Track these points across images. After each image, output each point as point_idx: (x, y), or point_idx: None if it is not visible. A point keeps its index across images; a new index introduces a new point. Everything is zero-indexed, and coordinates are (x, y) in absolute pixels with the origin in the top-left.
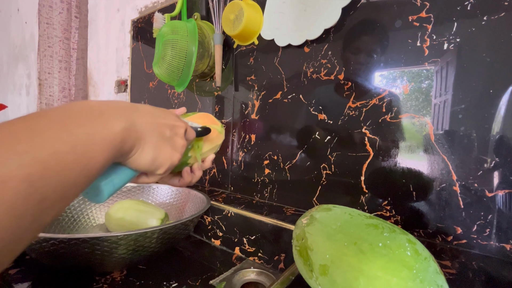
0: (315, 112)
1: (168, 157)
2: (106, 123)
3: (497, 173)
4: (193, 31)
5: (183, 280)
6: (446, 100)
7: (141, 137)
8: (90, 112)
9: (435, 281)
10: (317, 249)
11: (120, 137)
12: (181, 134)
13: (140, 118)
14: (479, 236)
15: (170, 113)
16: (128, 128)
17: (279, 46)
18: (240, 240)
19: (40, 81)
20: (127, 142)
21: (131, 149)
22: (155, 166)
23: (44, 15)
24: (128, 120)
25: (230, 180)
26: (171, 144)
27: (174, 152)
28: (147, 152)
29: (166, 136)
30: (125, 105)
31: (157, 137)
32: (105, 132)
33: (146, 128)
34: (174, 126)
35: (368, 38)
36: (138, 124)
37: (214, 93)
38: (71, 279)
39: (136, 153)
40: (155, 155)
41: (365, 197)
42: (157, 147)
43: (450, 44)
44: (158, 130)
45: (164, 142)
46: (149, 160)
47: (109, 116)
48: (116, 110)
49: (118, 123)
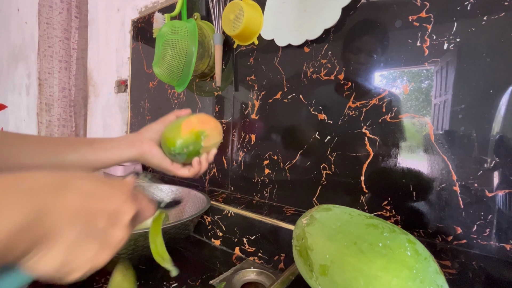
0: (315, 112)
1: (88, 259)
2: None
3: (497, 173)
4: (193, 31)
5: (183, 280)
6: (446, 100)
7: (49, 235)
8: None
9: (435, 281)
10: (317, 249)
11: (6, 240)
12: (124, 223)
13: (62, 203)
14: (479, 236)
15: (121, 191)
16: (28, 224)
17: (279, 46)
18: (240, 240)
19: (40, 81)
20: (19, 245)
21: (25, 253)
22: (64, 273)
23: (44, 15)
24: (34, 210)
25: (230, 180)
26: (102, 239)
27: (102, 250)
28: (55, 255)
29: (96, 229)
30: (46, 183)
31: (79, 231)
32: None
33: (64, 220)
34: (116, 213)
35: (368, 38)
36: (53, 213)
37: (214, 93)
38: None
39: (35, 257)
40: (68, 258)
41: (365, 197)
42: (74, 246)
43: (450, 44)
44: (86, 222)
45: (89, 239)
46: (55, 266)
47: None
48: (22, 194)
49: (10, 219)
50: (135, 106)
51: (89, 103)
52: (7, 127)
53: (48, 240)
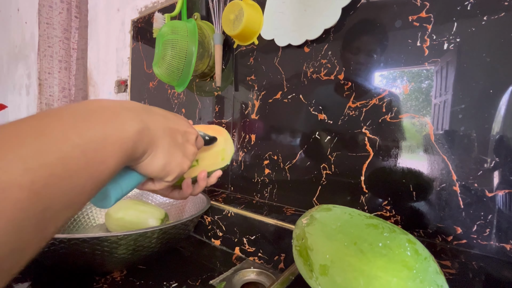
0: (315, 112)
1: (178, 164)
2: (119, 126)
3: (497, 173)
4: (193, 31)
5: (183, 280)
6: (446, 100)
7: (153, 142)
8: (102, 112)
9: (435, 281)
10: (317, 249)
11: (133, 141)
12: (192, 141)
13: (154, 121)
14: (479, 236)
15: (182, 119)
16: (142, 131)
17: (279, 46)
18: (240, 240)
19: (40, 81)
20: (140, 147)
21: (143, 154)
22: (165, 173)
23: (44, 15)
24: (142, 122)
25: (230, 180)
26: (182, 150)
27: (185, 159)
28: (159, 157)
29: (178, 142)
30: (138, 106)
31: (169, 142)
32: (117, 135)
33: (159, 132)
34: (186, 132)
35: (368, 38)
36: (152, 127)
37: (214, 93)
38: (71, 279)
39: (147, 158)
40: (167, 161)
41: (365, 197)
42: (169, 152)
43: (450, 44)
44: (171, 135)
45: (176, 148)
46: (160, 166)
47: (122, 117)
48: (130, 111)
49: (131, 126)
50: None
51: None
52: None
53: (153, 148)
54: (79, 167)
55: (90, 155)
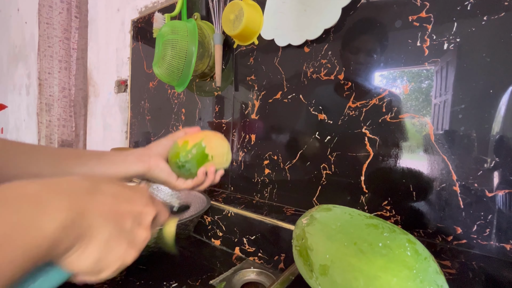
0: (315, 112)
1: (119, 257)
2: (38, 218)
3: (497, 173)
4: (193, 31)
5: (183, 280)
6: (446, 100)
7: (86, 233)
8: (20, 199)
9: (435, 281)
10: (317, 249)
11: (53, 237)
12: (147, 224)
13: (96, 205)
14: (479, 236)
15: (141, 195)
16: (71, 222)
17: (279, 46)
18: (240, 240)
19: (40, 81)
20: (63, 243)
21: (67, 250)
22: (98, 269)
23: (44, 15)
24: (73, 211)
25: (230, 180)
26: (129, 239)
27: (130, 249)
28: (91, 252)
29: (124, 229)
30: (82, 187)
31: (110, 232)
32: (25, 232)
33: (98, 219)
34: (140, 214)
35: (368, 38)
36: (90, 214)
37: (214, 93)
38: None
39: (75, 253)
40: (102, 255)
41: (365, 197)
42: (107, 244)
43: (450, 44)
44: (116, 221)
45: (119, 238)
46: (90, 262)
47: (47, 206)
48: (62, 196)
49: (56, 217)
50: (135, 106)
51: (89, 103)
52: (7, 127)
53: (85, 239)
54: None
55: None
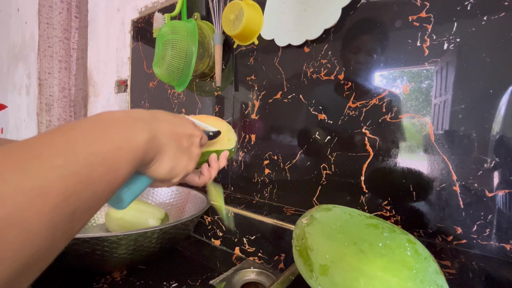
0: (315, 112)
1: (184, 167)
2: (131, 136)
3: (497, 173)
4: (193, 31)
5: (183, 280)
6: (446, 100)
7: (161, 148)
8: (116, 124)
9: (435, 281)
10: (317, 249)
11: (143, 149)
12: (197, 143)
13: (161, 128)
14: (479, 236)
15: (187, 121)
16: (151, 140)
17: (279, 46)
18: (240, 240)
19: (40, 81)
20: (149, 154)
21: (151, 160)
22: (171, 176)
23: (44, 15)
24: (150, 131)
25: (230, 180)
26: (188, 154)
27: (190, 161)
28: (166, 163)
29: (183, 147)
30: (146, 115)
31: (175, 148)
32: (130, 145)
33: (166, 139)
34: (191, 136)
35: (368, 38)
36: (159, 135)
37: (214, 93)
38: (71, 279)
39: (155, 164)
40: (173, 165)
41: (365, 197)
42: (175, 157)
43: (450, 44)
44: (177, 141)
45: (181, 153)
46: (166, 171)
47: (133, 128)
48: (139, 121)
49: (142, 136)
50: (135, 106)
51: (89, 103)
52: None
53: (160, 154)
54: (99, 174)
55: (109, 163)
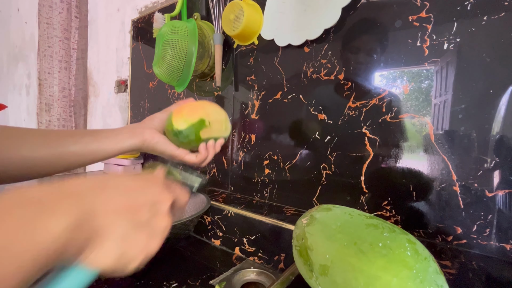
0: (315, 112)
1: (141, 249)
2: (42, 223)
3: (497, 173)
4: (193, 31)
5: (183, 280)
6: (446, 100)
7: (99, 232)
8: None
9: (435, 281)
10: (317, 249)
11: (61, 240)
12: (164, 211)
13: (105, 203)
14: (479, 236)
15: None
16: (78, 224)
17: (279, 46)
18: (240, 240)
19: (40, 81)
20: (73, 245)
21: (80, 251)
22: (122, 264)
23: (44, 15)
24: (81, 211)
25: (230, 180)
26: (148, 230)
27: (151, 239)
28: (109, 249)
29: (140, 222)
30: (86, 186)
31: (126, 226)
32: (35, 238)
33: (110, 217)
34: (155, 204)
35: (368, 38)
36: (99, 212)
37: (214, 93)
38: None
39: (92, 253)
40: (122, 251)
41: (365, 197)
42: (125, 239)
43: (450, 44)
44: (130, 216)
45: (137, 231)
46: (112, 259)
47: (51, 209)
48: (66, 197)
49: (61, 220)
50: (135, 106)
51: (89, 103)
52: None
53: (99, 237)
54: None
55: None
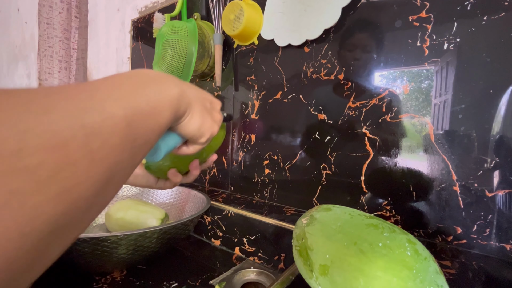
0: (315, 112)
1: (209, 127)
2: (166, 87)
3: (497, 173)
4: (193, 31)
5: (183, 280)
6: (446, 100)
7: (190, 104)
8: (151, 77)
9: (435, 281)
10: (317, 249)
11: (177, 99)
12: (218, 109)
13: (188, 88)
14: (479, 236)
15: (208, 93)
16: (181, 94)
17: (279, 46)
18: (240, 240)
19: (40, 81)
20: (181, 106)
21: (183, 114)
22: (199, 134)
23: (44, 15)
24: (180, 87)
25: (230, 180)
26: (212, 116)
27: (214, 123)
28: (195, 119)
29: (207, 108)
30: (175, 77)
31: (201, 107)
32: (167, 94)
33: (193, 97)
34: (213, 101)
35: (368, 38)
36: (187, 92)
37: (214, 93)
38: (71, 279)
39: (185, 119)
40: (201, 123)
41: (365, 197)
42: (202, 116)
43: (450, 44)
44: (202, 101)
45: (207, 113)
46: (196, 127)
47: (166, 82)
48: (170, 78)
49: (174, 89)
50: None
51: None
52: None
53: (190, 109)
54: (149, 112)
55: (153, 105)
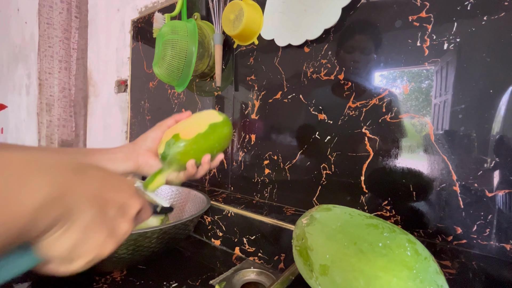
0: (315, 112)
1: (96, 246)
2: (18, 192)
3: (497, 173)
4: (193, 31)
5: (183, 280)
6: (446, 100)
7: (68, 214)
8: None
9: (435, 281)
10: (317, 249)
11: (32, 214)
12: (130, 216)
13: (81, 185)
14: (479, 236)
15: (128, 188)
16: (52, 200)
17: (279, 46)
18: (240, 240)
19: (40, 81)
20: (42, 221)
21: (45, 230)
22: (72, 257)
23: (44, 15)
24: (58, 187)
25: (230, 180)
26: (110, 228)
27: (109, 240)
28: (69, 235)
29: (107, 217)
30: (68, 165)
31: (93, 216)
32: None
33: (82, 202)
34: (124, 205)
35: (368, 38)
36: (73, 194)
37: (214, 93)
38: (71, 279)
39: (52, 236)
40: (79, 241)
41: (365, 197)
42: (87, 230)
43: (450, 44)
44: (100, 207)
45: (100, 225)
46: (66, 248)
47: (29, 179)
48: (46, 170)
49: (37, 192)
50: (135, 106)
51: (89, 103)
52: (7, 127)
53: (66, 220)
54: None
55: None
